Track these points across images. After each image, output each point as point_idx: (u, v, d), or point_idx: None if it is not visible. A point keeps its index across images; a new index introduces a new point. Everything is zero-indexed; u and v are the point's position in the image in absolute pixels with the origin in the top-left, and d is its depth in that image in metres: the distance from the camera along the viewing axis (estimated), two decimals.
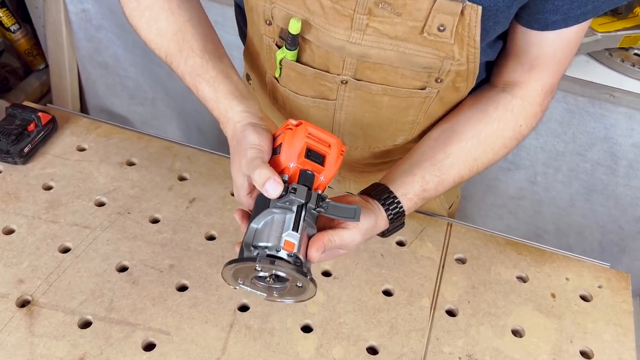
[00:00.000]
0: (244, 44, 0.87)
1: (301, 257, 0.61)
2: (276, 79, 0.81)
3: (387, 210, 0.71)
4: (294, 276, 0.60)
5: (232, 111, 0.68)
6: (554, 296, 0.87)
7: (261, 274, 0.61)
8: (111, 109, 1.92)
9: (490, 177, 1.59)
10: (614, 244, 1.56)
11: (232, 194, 0.97)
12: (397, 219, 0.71)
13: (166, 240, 0.89)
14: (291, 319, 0.81)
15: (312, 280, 0.61)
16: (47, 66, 1.88)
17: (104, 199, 0.95)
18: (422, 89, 0.75)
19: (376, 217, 0.69)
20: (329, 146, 0.64)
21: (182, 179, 1.00)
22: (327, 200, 0.63)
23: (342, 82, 0.75)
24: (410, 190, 0.72)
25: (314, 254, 0.62)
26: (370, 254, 0.90)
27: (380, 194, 0.72)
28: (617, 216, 1.49)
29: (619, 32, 1.23)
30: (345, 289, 0.85)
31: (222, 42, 0.78)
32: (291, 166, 0.62)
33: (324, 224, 0.66)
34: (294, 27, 0.69)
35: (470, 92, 0.78)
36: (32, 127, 1.00)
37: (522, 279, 0.90)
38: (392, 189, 0.72)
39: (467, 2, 0.62)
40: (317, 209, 0.61)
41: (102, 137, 1.05)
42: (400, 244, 0.93)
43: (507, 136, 0.76)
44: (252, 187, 0.64)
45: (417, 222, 0.96)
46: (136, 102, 1.89)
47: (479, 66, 0.72)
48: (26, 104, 1.06)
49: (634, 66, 1.22)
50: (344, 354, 0.78)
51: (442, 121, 0.81)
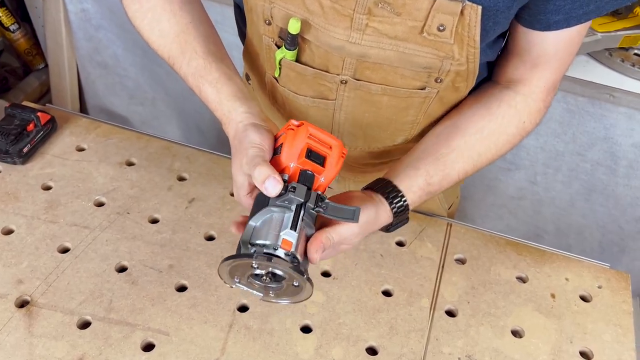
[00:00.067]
0: (244, 44, 0.87)
1: (299, 256, 0.60)
2: (275, 79, 0.81)
3: (390, 203, 0.70)
4: (291, 275, 0.60)
5: (234, 112, 0.68)
6: (553, 296, 0.87)
7: (258, 272, 0.61)
8: (111, 108, 1.92)
9: (490, 177, 1.59)
10: (613, 244, 1.56)
11: (232, 194, 0.97)
12: (401, 213, 0.71)
13: (165, 240, 0.89)
14: (290, 320, 0.81)
15: (308, 279, 0.61)
16: (46, 66, 1.88)
17: (103, 199, 0.95)
18: (421, 89, 0.75)
19: (377, 211, 0.69)
20: (330, 148, 0.64)
21: (181, 179, 1.00)
22: (327, 200, 0.62)
23: (341, 82, 0.75)
24: (414, 183, 0.72)
25: (314, 254, 0.62)
26: (369, 254, 0.90)
27: (384, 187, 0.71)
28: (617, 216, 1.49)
29: (619, 32, 1.23)
30: (344, 289, 0.85)
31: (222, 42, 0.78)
32: (291, 166, 0.62)
33: (322, 223, 0.65)
34: (294, 27, 0.68)
35: (471, 91, 0.78)
36: (31, 127, 1.00)
37: (522, 280, 0.90)
38: (395, 183, 0.72)
39: (467, 2, 0.62)
40: (316, 209, 0.61)
41: (102, 137, 1.05)
42: (399, 244, 0.93)
43: (510, 132, 0.76)
44: (252, 187, 0.64)
45: (417, 223, 0.96)
46: (136, 102, 1.89)
47: (478, 66, 0.71)
48: (25, 103, 1.06)
49: (634, 66, 1.22)
50: (344, 355, 0.77)
51: (444, 118, 0.81)
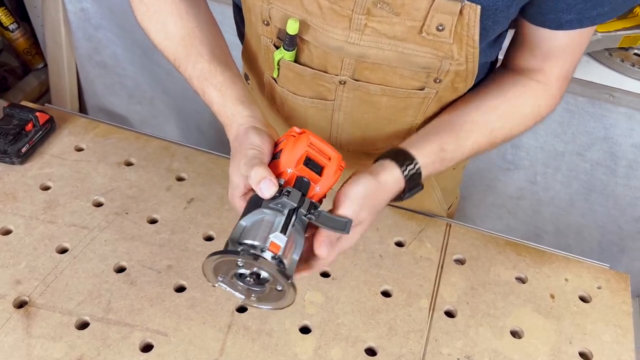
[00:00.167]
0: (242, 44, 0.87)
1: (286, 262, 0.59)
2: (274, 79, 0.80)
3: (401, 166, 0.68)
4: (275, 277, 0.59)
5: (237, 115, 0.68)
6: (553, 297, 0.87)
7: (242, 271, 0.60)
8: (110, 108, 1.91)
9: (489, 177, 1.59)
10: (613, 244, 1.56)
11: None
12: (413, 178, 0.69)
13: (164, 240, 0.89)
14: (289, 320, 0.80)
15: (292, 285, 0.59)
16: (45, 65, 1.88)
17: (102, 199, 0.94)
18: (420, 90, 0.75)
19: (379, 180, 0.67)
20: (329, 159, 0.64)
21: (180, 179, 0.99)
22: (320, 210, 0.62)
23: (340, 82, 0.75)
24: (427, 148, 0.71)
25: (323, 250, 0.60)
26: (369, 255, 0.90)
27: (394, 154, 0.70)
28: (617, 216, 1.49)
29: (618, 32, 1.23)
30: (343, 289, 0.85)
31: None
32: (288, 171, 0.63)
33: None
34: (292, 28, 0.68)
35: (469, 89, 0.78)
36: (29, 127, 1.00)
37: (521, 280, 0.90)
38: (407, 149, 0.70)
39: (466, 2, 0.62)
40: (308, 216, 0.61)
41: (100, 137, 1.05)
42: (399, 244, 0.93)
43: (525, 113, 0.75)
44: (247, 189, 0.64)
45: (416, 223, 0.96)
46: (135, 101, 1.89)
47: (477, 66, 0.71)
48: (24, 103, 1.06)
49: (633, 66, 1.22)
50: (343, 355, 0.77)
51: (457, 100, 0.79)
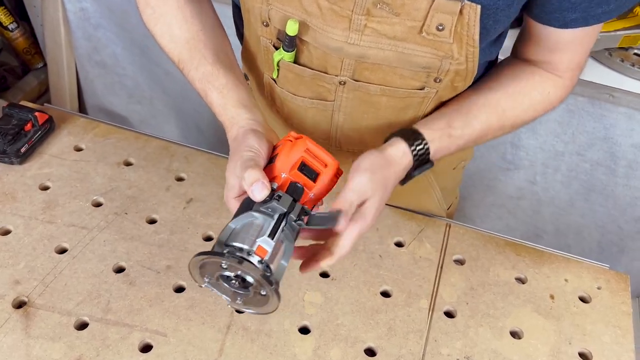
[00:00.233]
0: (242, 44, 0.87)
1: (273, 267, 0.59)
2: (274, 80, 0.80)
3: (407, 140, 0.69)
4: (259, 282, 0.58)
5: (238, 117, 0.69)
6: (552, 297, 0.87)
7: (227, 273, 0.60)
8: (109, 108, 1.91)
9: (489, 177, 1.59)
10: (613, 244, 1.56)
11: None
12: (421, 153, 0.70)
13: (163, 241, 0.89)
14: (289, 321, 0.80)
15: (277, 292, 0.59)
16: (45, 65, 1.88)
17: (101, 199, 0.94)
18: (420, 89, 0.74)
19: (385, 154, 0.68)
20: (326, 166, 0.64)
21: (179, 179, 0.99)
22: (312, 213, 0.62)
23: (340, 83, 0.75)
24: (433, 125, 0.72)
25: (342, 224, 0.59)
26: (368, 255, 0.90)
27: (400, 132, 0.71)
28: (616, 216, 1.49)
29: (618, 32, 1.22)
30: (343, 290, 0.85)
31: None
32: (282, 176, 0.62)
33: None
34: (291, 29, 0.68)
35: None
36: (29, 126, 1.00)
37: (521, 280, 0.90)
38: (415, 127, 0.72)
39: (466, 2, 0.62)
40: (297, 222, 0.60)
41: (100, 137, 1.05)
42: (398, 244, 0.93)
43: (535, 98, 0.75)
44: (243, 191, 0.64)
45: (416, 223, 0.95)
46: (134, 101, 1.88)
47: (477, 65, 0.71)
48: (23, 103, 1.05)
49: (633, 66, 1.22)
50: (342, 356, 0.77)
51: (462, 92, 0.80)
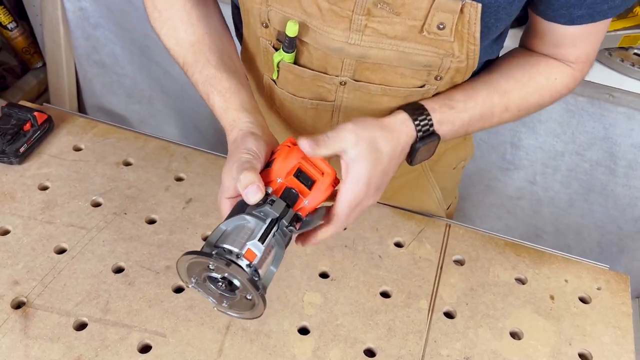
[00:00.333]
0: (241, 45, 0.87)
1: (261, 272, 0.58)
2: (274, 81, 0.80)
3: (406, 110, 0.70)
4: (246, 286, 0.58)
5: (239, 121, 0.69)
6: (552, 298, 0.87)
7: (213, 275, 0.59)
8: (108, 107, 1.91)
9: (489, 177, 1.58)
10: (612, 244, 1.56)
11: None
12: (423, 124, 0.70)
13: (162, 241, 0.89)
14: (288, 321, 0.80)
15: (262, 297, 0.58)
16: (44, 64, 1.87)
17: (100, 200, 0.94)
18: (420, 87, 0.74)
19: (382, 121, 0.68)
20: (322, 174, 0.64)
21: (178, 179, 0.99)
22: (305, 219, 0.62)
23: (340, 83, 0.75)
24: (434, 98, 0.73)
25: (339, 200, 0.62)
26: (368, 256, 0.90)
27: (400, 106, 0.72)
28: (616, 216, 1.49)
29: (618, 32, 1.22)
30: (342, 290, 0.85)
31: None
32: (278, 181, 0.62)
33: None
34: (291, 30, 0.68)
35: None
36: (28, 126, 0.99)
37: (521, 281, 0.89)
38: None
39: (467, 0, 0.61)
40: (289, 228, 0.60)
41: (99, 136, 1.05)
42: (398, 245, 0.92)
43: (540, 82, 0.74)
44: (237, 193, 0.63)
45: (416, 224, 0.95)
46: (133, 100, 1.88)
47: (478, 62, 0.71)
48: (22, 103, 1.05)
49: (633, 66, 1.22)
50: (341, 357, 0.77)
51: None
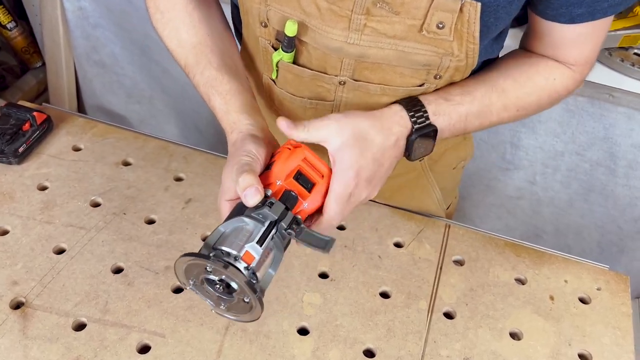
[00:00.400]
0: (241, 44, 0.87)
1: (259, 275, 0.58)
2: (273, 80, 0.80)
3: (400, 103, 0.70)
4: (243, 288, 0.58)
5: (239, 123, 0.69)
6: (552, 299, 0.87)
7: (211, 277, 0.59)
8: (108, 107, 1.91)
9: (489, 177, 1.58)
10: (612, 244, 1.56)
11: None
12: (418, 116, 0.69)
13: (162, 241, 0.89)
14: (287, 322, 0.80)
15: (260, 300, 0.58)
16: (43, 64, 1.87)
17: (100, 200, 0.94)
18: (420, 86, 0.74)
19: (373, 112, 0.68)
20: (322, 177, 0.63)
21: (178, 179, 0.99)
22: (303, 226, 0.61)
23: (339, 83, 0.75)
24: (431, 93, 0.72)
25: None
26: (367, 256, 0.90)
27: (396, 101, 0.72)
28: (616, 216, 1.49)
29: (618, 32, 1.22)
30: (342, 291, 0.85)
31: None
32: (277, 183, 0.62)
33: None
34: (290, 29, 0.68)
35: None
36: (27, 126, 0.99)
37: (521, 281, 0.89)
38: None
39: None
40: (288, 231, 0.60)
41: (98, 136, 1.04)
42: (397, 245, 0.92)
43: (538, 83, 0.74)
44: (237, 195, 0.63)
45: (415, 224, 0.95)
46: (133, 100, 1.88)
47: (477, 61, 0.71)
48: (21, 103, 1.05)
49: (633, 66, 1.22)
50: (341, 357, 0.77)
51: None
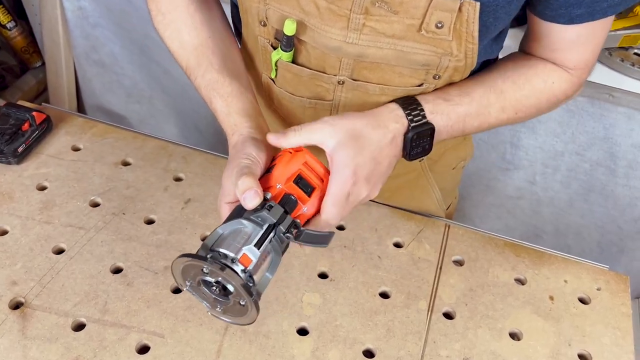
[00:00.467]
0: (240, 43, 0.87)
1: (256, 278, 0.58)
2: (272, 80, 0.80)
3: (396, 101, 0.70)
4: (238, 291, 0.58)
5: (240, 125, 0.69)
6: (552, 299, 0.87)
7: (207, 279, 0.59)
8: (108, 107, 1.91)
9: (488, 177, 1.58)
10: (612, 245, 1.56)
11: None
12: (415, 114, 0.69)
13: (161, 241, 0.88)
14: (287, 322, 0.80)
15: (256, 303, 0.58)
16: (43, 64, 1.87)
17: (99, 200, 0.94)
18: (419, 86, 0.74)
19: (367, 112, 0.68)
20: (323, 181, 0.63)
21: (177, 179, 0.99)
22: (302, 229, 0.61)
23: (338, 82, 0.74)
24: (429, 95, 0.72)
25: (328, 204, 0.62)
26: (367, 256, 0.89)
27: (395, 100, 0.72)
28: (616, 216, 1.49)
29: (618, 32, 1.22)
30: (341, 291, 0.85)
31: None
32: (277, 187, 0.62)
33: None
34: (289, 29, 0.68)
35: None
36: (26, 126, 0.99)
37: (520, 282, 0.89)
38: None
39: None
40: (286, 234, 0.60)
41: (97, 136, 1.04)
42: (397, 245, 0.92)
43: (537, 86, 0.74)
44: (237, 198, 0.63)
45: (415, 224, 0.95)
46: (133, 100, 1.88)
47: (476, 61, 0.71)
48: (20, 103, 1.05)
49: (633, 66, 1.22)
50: (340, 357, 0.77)
51: None
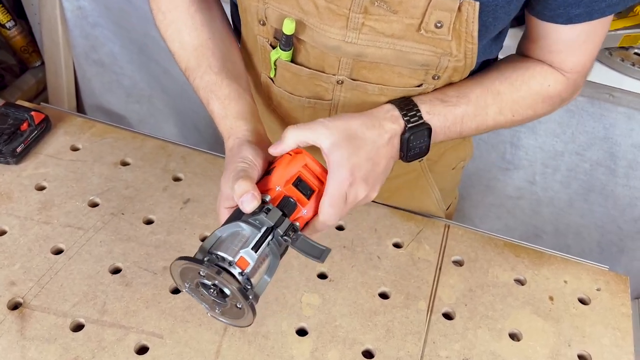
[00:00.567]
0: (240, 43, 0.86)
1: (253, 281, 0.58)
2: (271, 79, 0.80)
3: (393, 102, 0.70)
4: (235, 294, 0.58)
5: (237, 128, 0.68)
6: (552, 299, 0.86)
7: (205, 281, 0.59)
8: (107, 107, 1.91)
9: (488, 177, 1.58)
10: (612, 245, 1.55)
11: None
12: (411, 115, 0.69)
13: (160, 241, 0.88)
14: (286, 322, 0.80)
15: (252, 306, 0.58)
16: (42, 63, 1.87)
17: (98, 200, 0.94)
18: (418, 87, 0.74)
19: (363, 113, 0.67)
20: (322, 184, 0.63)
21: (176, 179, 0.99)
22: (300, 233, 0.61)
23: (337, 82, 0.74)
24: (426, 95, 0.72)
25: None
26: (366, 256, 0.89)
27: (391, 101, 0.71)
28: (616, 216, 1.48)
29: (618, 31, 1.22)
30: (341, 291, 0.84)
31: None
32: (277, 189, 0.62)
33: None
34: (288, 28, 0.68)
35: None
36: (25, 126, 0.99)
37: (520, 282, 0.89)
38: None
39: None
40: (284, 237, 0.59)
41: (96, 136, 1.04)
42: (397, 245, 0.92)
43: (533, 87, 0.74)
44: (235, 202, 0.63)
45: (415, 224, 0.95)
46: (133, 100, 1.88)
47: (476, 62, 0.70)
48: (19, 103, 1.05)
49: (633, 65, 1.21)
50: (340, 358, 0.77)
51: None
